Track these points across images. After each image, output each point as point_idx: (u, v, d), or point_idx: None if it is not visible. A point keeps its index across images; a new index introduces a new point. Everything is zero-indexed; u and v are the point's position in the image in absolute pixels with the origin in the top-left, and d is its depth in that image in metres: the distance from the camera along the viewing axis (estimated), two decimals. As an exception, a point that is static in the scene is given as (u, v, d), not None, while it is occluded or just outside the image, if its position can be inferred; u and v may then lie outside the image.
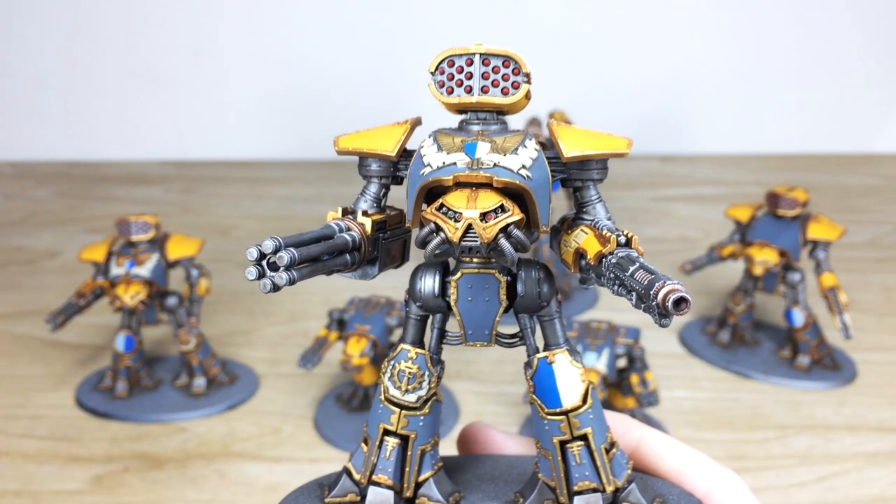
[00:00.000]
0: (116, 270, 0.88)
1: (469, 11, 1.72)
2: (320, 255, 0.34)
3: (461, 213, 0.34)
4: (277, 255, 0.32)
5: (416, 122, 0.39)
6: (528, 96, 0.37)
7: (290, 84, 1.79)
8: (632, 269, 0.32)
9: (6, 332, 1.08)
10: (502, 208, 0.34)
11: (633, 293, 0.31)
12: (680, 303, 0.29)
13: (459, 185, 0.35)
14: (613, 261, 0.33)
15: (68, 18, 1.75)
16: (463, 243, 0.34)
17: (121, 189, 1.67)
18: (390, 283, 1.21)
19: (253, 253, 0.31)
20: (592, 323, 0.85)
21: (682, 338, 1.05)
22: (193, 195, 1.64)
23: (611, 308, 1.13)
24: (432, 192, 0.36)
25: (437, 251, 0.35)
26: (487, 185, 0.35)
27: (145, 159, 1.84)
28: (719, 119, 1.85)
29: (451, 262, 0.39)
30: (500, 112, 0.37)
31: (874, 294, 1.18)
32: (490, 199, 0.34)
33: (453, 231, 0.34)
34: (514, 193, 0.35)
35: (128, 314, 0.91)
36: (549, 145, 0.38)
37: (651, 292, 0.30)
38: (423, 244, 0.35)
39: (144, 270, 0.87)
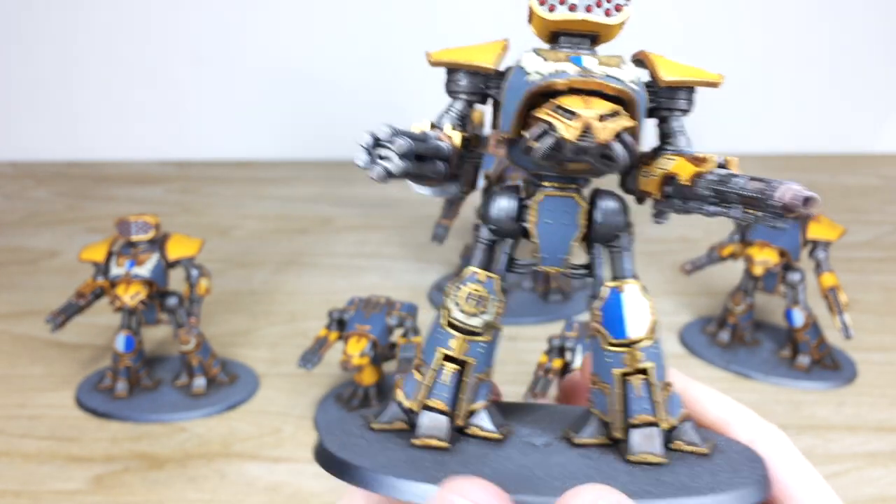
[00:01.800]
0: (116, 270, 0.88)
1: (469, 11, 1.72)
2: (425, 153, 0.34)
3: (578, 114, 0.34)
4: (395, 141, 0.31)
5: (508, 45, 0.39)
6: (622, 25, 0.37)
7: (290, 84, 1.79)
8: (736, 180, 0.31)
9: (6, 332, 1.08)
10: (616, 114, 0.34)
11: (741, 204, 0.31)
12: (809, 201, 0.29)
13: (571, 92, 0.35)
14: (714, 177, 0.33)
15: (68, 18, 1.75)
16: (579, 143, 0.34)
17: (121, 189, 1.67)
18: (391, 283, 1.22)
19: (367, 138, 0.31)
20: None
21: (681, 338, 1.05)
22: (193, 195, 1.64)
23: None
24: (534, 103, 0.35)
25: (549, 152, 0.34)
26: (598, 94, 0.35)
27: (145, 159, 1.84)
28: (719, 119, 1.85)
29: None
30: (594, 39, 0.37)
31: (874, 294, 1.18)
32: (605, 105, 0.34)
33: (568, 129, 0.33)
34: (625, 104, 0.35)
35: (128, 314, 0.91)
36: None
37: (769, 193, 0.29)
38: (528, 148, 0.34)
39: (144, 270, 0.88)
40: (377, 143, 0.31)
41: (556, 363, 0.82)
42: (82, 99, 1.81)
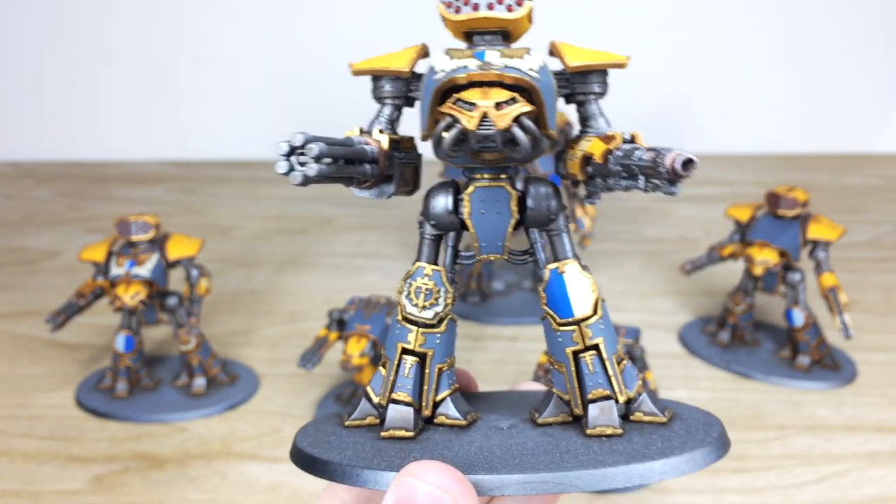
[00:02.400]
0: (116, 270, 0.88)
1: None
2: (344, 156, 0.35)
3: (476, 104, 0.36)
4: (307, 147, 0.33)
5: (425, 49, 0.42)
6: (530, 19, 0.39)
7: (290, 84, 1.79)
8: (637, 153, 0.33)
9: (6, 332, 1.08)
10: (514, 101, 0.36)
11: (641, 175, 0.33)
12: (688, 164, 0.31)
13: (472, 85, 0.37)
14: (619, 153, 0.35)
15: (68, 19, 1.75)
16: (479, 131, 0.36)
17: (121, 189, 1.67)
18: (391, 283, 1.22)
19: (283, 147, 0.33)
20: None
21: (681, 338, 1.05)
22: (193, 195, 1.64)
23: (611, 308, 1.13)
24: (445, 99, 0.37)
25: (454, 144, 0.36)
26: (499, 84, 0.37)
27: (145, 159, 1.84)
28: (719, 119, 1.85)
29: (462, 184, 0.41)
30: (505, 34, 0.39)
31: (874, 294, 1.18)
32: (502, 94, 0.36)
33: (469, 119, 0.36)
34: (525, 96, 0.37)
35: (128, 314, 0.91)
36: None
37: (658, 161, 0.31)
38: (438, 141, 0.37)
39: (144, 270, 0.88)
40: (293, 150, 0.33)
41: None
42: (82, 99, 1.81)
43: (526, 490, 0.35)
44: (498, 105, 0.36)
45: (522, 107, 0.36)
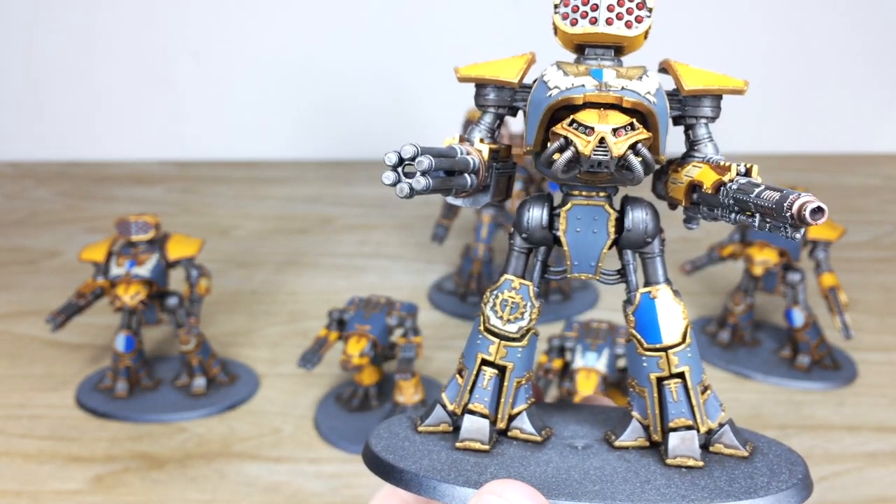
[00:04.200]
0: (116, 270, 0.88)
1: (469, 11, 1.72)
2: (450, 168, 0.35)
3: (593, 128, 0.35)
4: (417, 160, 0.32)
5: (533, 58, 0.40)
6: (646, 35, 0.38)
7: (290, 84, 1.79)
8: (757, 190, 0.32)
9: (6, 332, 1.08)
10: (632, 126, 0.35)
11: (759, 214, 0.32)
12: (817, 212, 0.30)
13: (587, 105, 0.36)
14: (735, 187, 0.34)
15: (68, 18, 1.75)
16: (594, 156, 0.35)
17: (121, 189, 1.67)
18: (391, 283, 1.22)
19: (392, 157, 0.32)
20: (592, 323, 0.85)
21: (682, 338, 1.05)
22: (193, 195, 1.64)
23: (611, 308, 1.13)
24: (554, 117, 0.37)
25: (567, 167, 0.36)
26: (616, 107, 0.36)
27: (145, 159, 1.83)
28: (719, 119, 1.85)
29: (557, 197, 0.40)
30: (618, 50, 0.38)
31: (874, 294, 1.18)
32: (620, 118, 0.35)
33: (585, 144, 0.35)
34: (640, 120, 0.36)
35: (128, 314, 0.91)
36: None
37: (785, 205, 0.30)
38: (549, 161, 0.36)
39: (144, 270, 0.87)
40: (402, 161, 0.32)
41: (556, 363, 0.82)
42: (82, 99, 1.81)
43: None
44: (615, 130, 0.35)
45: (640, 134, 0.35)
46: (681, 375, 0.39)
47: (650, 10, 0.37)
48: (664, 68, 0.40)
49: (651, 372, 0.39)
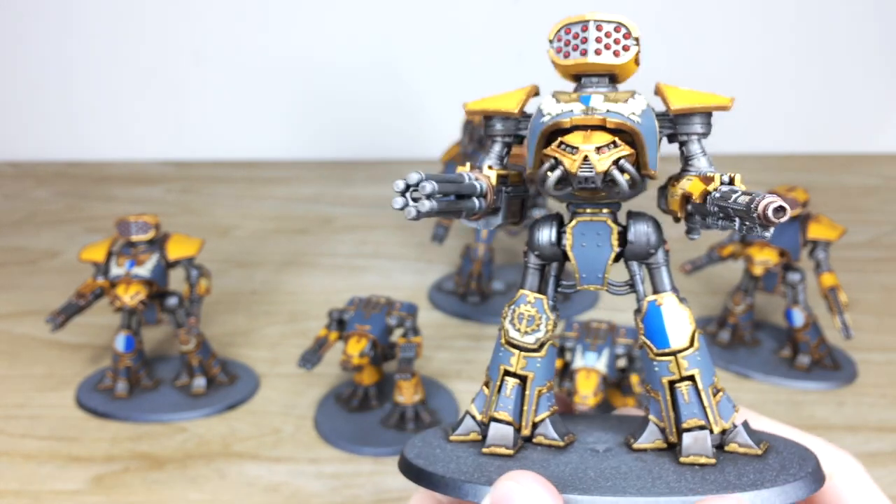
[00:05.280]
0: (116, 270, 0.88)
1: (469, 11, 1.72)
2: (455, 192, 0.38)
3: (578, 148, 0.38)
4: (421, 185, 0.35)
5: (535, 90, 0.44)
6: (637, 61, 0.41)
7: (290, 84, 1.79)
8: (734, 196, 0.35)
9: (6, 332, 1.08)
10: (615, 144, 0.39)
11: (737, 218, 0.35)
12: (779, 210, 0.32)
13: (576, 128, 0.39)
14: (717, 195, 0.37)
15: (68, 18, 1.75)
16: (579, 173, 0.38)
17: (121, 189, 1.67)
18: (391, 283, 1.22)
19: (400, 184, 0.35)
20: (592, 323, 0.85)
21: (682, 338, 1.05)
22: (193, 195, 1.64)
23: (611, 308, 1.13)
24: (551, 140, 0.40)
25: (558, 185, 0.39)
26: (601, 128, 0.39)
27: (145, 159, 1.84)
28: (719, 119, 1.85)
29: (566, 217, 0.43)
30: (612, 77, 0.42)
31: (874, 294, 1.18)
32: (603, 137, 0.39)
33: (572, 162, 0.38)
34: (627, 139, 0.39)
35: (128, 314, 0.91)
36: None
37: (752, 206, 0.33)
38: (542, 180, 0.40)
39: (144, 270, 0.88)
40: (408, 187, 0.35)
41: (557, 363, 0.82)
42: (82, 99, 1.81)
43: None
44: (598, 149, 0.38)
45: (621, 151, 0.39)
46: (691, 378, 0.41)
47: (636, 40, 0.40)
48: (656, 91, 0.43)
49: (663, 376, 0.41)
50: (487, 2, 1.73)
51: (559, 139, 0.39)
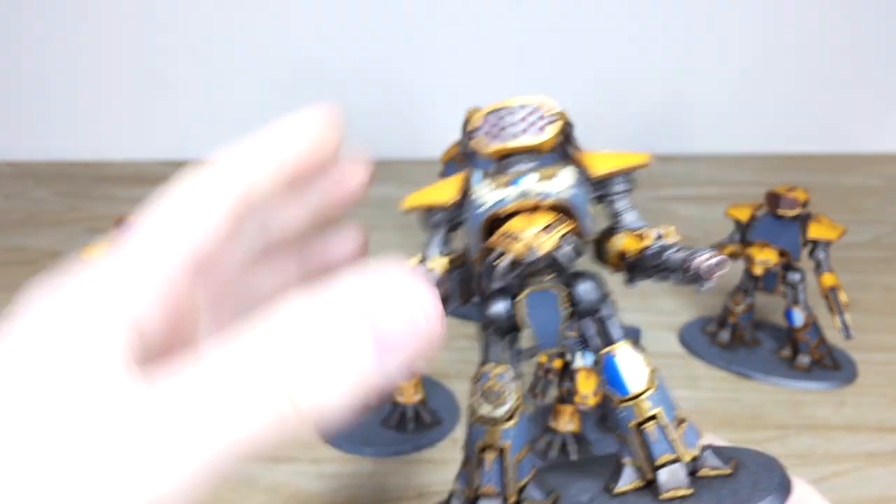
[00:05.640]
0: (116, 270, 0.87)
1: (469, 11, 1.72)
2: None
3: (521, 234, 0.40)
4: None
5: (469, 175, 0.45)
6: (562, 132, 0.42)
7: (290, 84, 1.79)
8: (667, 253, 0.38)
9: (6, 332, 1.07)
10: (559, 221, 0.40)
11: (674, 273, 0.38)
12: (714, 268, 0.35)
13: (514, 213, 0.41)
14: (651, 252, 0.39)
15: (68, 18, 1.75)
16: (527, 258, 0.39)
17: (121, 189, 1.67)
18: (390, 283, 1.21)
19: None
20: (592, 323, 0.85)
21: (681, 338, 1.05)
22: (193, 195, 1.63)
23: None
24: (491, 228, 0.41)
25: (507, 272, 0.40)
26: (538, 209, 0.41)
27: (145, 159, 1.84)
28: (719, 119, 1.85)
29: (516, 288, 0.45)
30: (537, 152, 0.43)
31: (875, 294, 1.18)
32: (544, 218, 0.40)
33: (516, 250, 0.39)
34: (564, 210, 0.41)
35: (128, 314, 0.90)
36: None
37: (684, 266, 0.36)
38: (490, 269, 0.41)
39: (144, 270, 0.87)
40: None
41: (556, 363, 0.82)
42: (82, 99, 1.81)
43: None
44: (542, 229, 0.40)
45: (565, 228, 0.40)
46: (654, 417, 0.42)
47: (557, 114, 0.42)
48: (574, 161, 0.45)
49: (629, 420, 0.43)
50: (487, 2, 1.73)
51: (501, 229, 0.41)
